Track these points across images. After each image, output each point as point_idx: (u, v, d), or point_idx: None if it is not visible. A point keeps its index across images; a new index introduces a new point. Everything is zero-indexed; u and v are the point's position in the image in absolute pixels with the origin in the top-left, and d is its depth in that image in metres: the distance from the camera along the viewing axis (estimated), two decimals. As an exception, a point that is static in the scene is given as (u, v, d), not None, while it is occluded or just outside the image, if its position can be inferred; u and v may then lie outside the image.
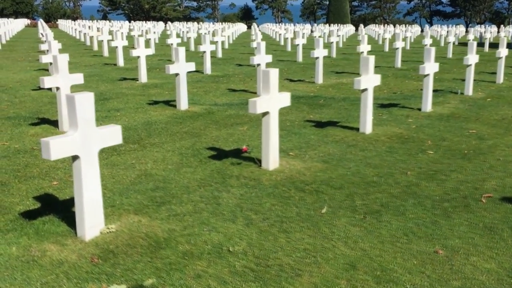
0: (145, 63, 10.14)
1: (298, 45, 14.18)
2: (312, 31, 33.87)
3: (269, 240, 3.12)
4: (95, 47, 19.13)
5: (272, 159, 4.50)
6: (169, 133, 5.89)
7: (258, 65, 8.58)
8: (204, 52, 11.43)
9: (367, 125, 5.80)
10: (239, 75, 11.83)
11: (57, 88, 5.81)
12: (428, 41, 13.51)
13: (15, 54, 17.43)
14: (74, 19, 64.19)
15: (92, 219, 3.14)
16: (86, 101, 3.00)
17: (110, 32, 18.67)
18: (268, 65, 9.21)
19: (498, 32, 31.75)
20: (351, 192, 3.93)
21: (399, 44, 12.66)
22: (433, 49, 7.02)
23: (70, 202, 3.72)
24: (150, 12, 75.77)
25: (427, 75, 6.97)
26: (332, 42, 16.05)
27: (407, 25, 52.44)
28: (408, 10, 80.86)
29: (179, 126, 6.30)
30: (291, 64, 14.36)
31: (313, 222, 3.38)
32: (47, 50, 11.41)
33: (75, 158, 3.03)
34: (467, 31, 39.08)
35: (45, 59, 8.38)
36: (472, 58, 8.24)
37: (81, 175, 3.05)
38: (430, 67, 6.96)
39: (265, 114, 4.41)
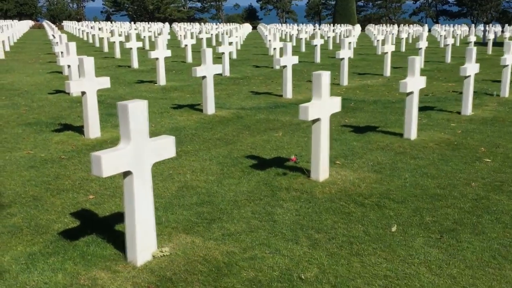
0: (163, 65, 9.84)
1: (316, 45, 13.85)
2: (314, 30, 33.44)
3: (342, 265, 2.79)
4: (106, 49, 18.84)
5: (322, 169, 4.17)
6: (201, 140, 5.57)
7: (284, 66, 8.26)
8: (223, 53, 11.12)
9: (412, 131, 5.47)
10: (258, 77, 11.51)
11: (83, 93, 5.51)
12: (450, 40, 13.13)
13: (25, 56, 17.16)
14: (78, 20, 64.06)
15: (144, 242, 2.82)
16: (139, 110, 2.69)
17: (121, 34, 18.39)
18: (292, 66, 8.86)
19: (503, 31, 31.26)
20: (416, 207, 3.60)
21: (423, 44, 12.30)
22: (474, 49, 6.67)
23: (112, 219, 3.41)
24: (154, 13, 75.64)
25: (468, 76, 6.63)
26: (350, 43, 15.68)
27: (411, 25, 51.97)
28: (414, 10, 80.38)
29: (210, 132, 5.98)
30: (309, 65, 14.01)
31: (385, 242, 3.05)
32: (62, 52, 11.16)
33: (126, 174, 2.71)
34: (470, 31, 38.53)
35: (63, 61, 8.09)
36: (510, 58, 7.89)
37: (133, 193, 2.73)
38: (472, 68, 6.61)
39: (315, 120, 4.09)
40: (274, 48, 12.59)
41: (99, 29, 23.12)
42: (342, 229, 3.24)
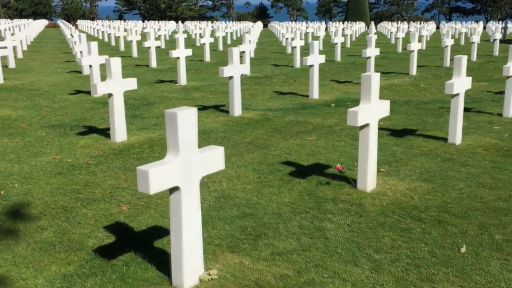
0: (184, 64, 9.59)
1: (336, 44, 13.51)
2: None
3: (412, 292, 2.52)
4: (122, 48, 18.67)
5: (370, 178, 3.88)
6: (232, 144, 5.31)
7: (311, 66, 7.97)
8: (244, 52, 10.85)
9: (457, 135, 5.13)
10: (280, 76, 11.22)
11: (109, 95, 5.27)
12: (476, 38, 12.69)
13: (42, 56, 17.06)
14: (91, 19, 64.21)
15: (191, 264, 2.55)
16: (189, 119, 2.43)
17: (137, 32, 18.20)
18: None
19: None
20: (482, 223, 3.29)
21: (449, 42, 11.90)
22: (517, 48, 6.31)
23: (150, 234, 3.15)
24: (166, 12, 75.64)
25: (511, 76, 6.28)
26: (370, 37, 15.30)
27: (423, 22, 51.02)
28: (427, 7, 79.31)
29: (240, 135, 5.71)
30: (330, 64, 13.67)
31: (457, 266, 2.75)
32: (81, 52, 10.99)
33: (173, 189, 2.46)
34: (484, 28, 37.51)
35: (84, 61, 7.89)
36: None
37: (181, 211, 2.46)
38: (514, 68, 6.25)
39: (363, 126, 3.80)
40: (294, 47, 12.28)
41: (114, 28, 23.00)
42: (403, 248, 2.95)
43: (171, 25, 33.45)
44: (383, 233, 3.16)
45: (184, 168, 2.43)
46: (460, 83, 4.98)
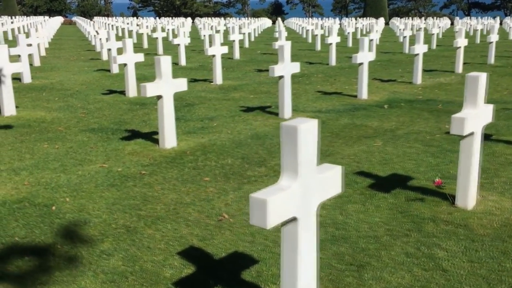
0: (220, 62, 9.16)
1: (372, 40, 12.96)
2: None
3: None
4: (145, 45, 18.31)
5: (471, 195, 3.39)
6: (291, 151, 4.86)
7: (360, 64, 7.47)
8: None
9: (546, 142, 4.64)
10: (317, 75, 10.71)
11: (158, 97, 4.85)
12: (494, 37, 11.84)
13: (65, 53, 16.78)
14: (105, 16, 64.22)
15: (304, 309, 2.13)
16: (310, 134, 1.98)
17: (161, 29, 17.82)
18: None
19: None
20: None
21: (494, 37, 11.26)
22: None
23: (232, 263, 2.66)
24: (181, 8, 75.43)
25: None
26: (405, 37, 14.73)
27: (437, 18, 49.77)
28: (445, 2, 77.80)
29: (297, 140, 5.26)
30: (363, 61, 13.15)
31: None
32: (110, 50, 10.63)
33: (289, 221, 2.02)
34: (501, 24, 36.23)
35: (120, 59, 7.50)
36: None
37: (297, 247, 2.01)
38: None
39: (467, 135, 3.32)
40: (330, 43, 11.77)
41: (137, 25, 22.68)
42: (545, 285, 2.48)
43: (188, 22, 33.13)
44: (510, 264, 2.68)
45: (303, 195, 1.98)
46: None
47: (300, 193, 1.97)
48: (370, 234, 3.05)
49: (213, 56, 8.96)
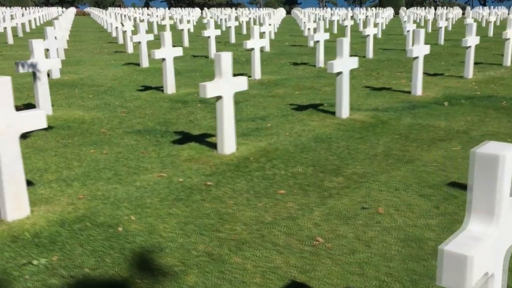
0: (259, 56, 8.68)
1: (408, 31, 12.36)
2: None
3: None
4: (167, 37, 17.92)
5: None
6: (365, 157, 4.35)
7: (416, 58, 6.95)
8: (318, 41, 9.87)
9: None
10: (357, 68, 10.13)
11: (218, 98, 4.42)
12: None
13: (87, 46, 16.42)
14: (118, 6, 63.87)
15: None
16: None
17: (187, 21, 17.37)
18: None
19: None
20: None
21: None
22: None
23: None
24: (193, -2, 74.78)
25: None
26: (441, 27, 14.08)
27: (448, 7, 48.34)
28: (462, -9, 76.04)
29: (366, 144, 4.77)
30: (401, 54, 12.54)
31: None
32: (140, 43, 10.22)
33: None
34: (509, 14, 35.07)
35: (158, 54, 7.06)
36: None
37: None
38: None
39: None
40: (367, 35, 11.22)
41: (157, 16, 22.25)
42: None
43: (198, 12, 32.70)
44: None
45: (498, 242, 1.54)
46: None
47: (496, 241, 1.53)
48: (500, 266, 2.60)
49: (252, 49, 8.50)
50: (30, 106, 6.62)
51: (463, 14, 38.19)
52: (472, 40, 8.13)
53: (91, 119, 5.95)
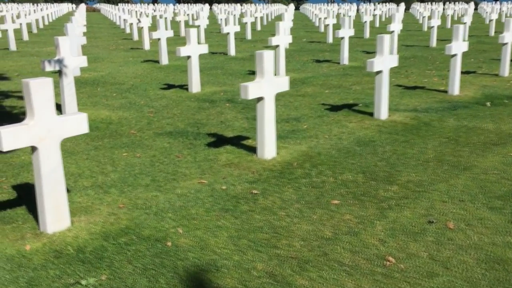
0: (284, 53, 8.40)
1: (433, 27, 12.01)
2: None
3: None
4: (182, 33, 17.65)
5: None
6: (417, 162, 4.03)
7: (454, 55, 6.65)
8: (343, 38, 9.57)
9: None
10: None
11: (259, 99, 4.16)
12: None
13: (102, 42, 16.23)
14: (126, 2, 63.61)
15: None
16: None
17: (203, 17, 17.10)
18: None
19: None
20: None
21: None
22: None
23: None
24: (201, -6, 74.48)
25: None
26: (465, 23, 13.68)
27: (462, 3, 47.49)
28: (476, -15, 74.96)
29: (413, 149, 4.47)
30: (425, 51, 12.18)
31: None
32: (159, 39, 9.98)
33: None
34: None
35: (184, 51, 6.81)
36: None
37: None
38: None
39: None
40: (392, 31, 10.90)
41: (171, 12, 22.01)
42: None
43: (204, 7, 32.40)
44: None
45: None
46: None
47: None
48: None
49: (277, 46, 8.22)
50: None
51: (476, 9, 37.50)
52: (509, 36, 7.80)
53: (118, 119, 5.72)
